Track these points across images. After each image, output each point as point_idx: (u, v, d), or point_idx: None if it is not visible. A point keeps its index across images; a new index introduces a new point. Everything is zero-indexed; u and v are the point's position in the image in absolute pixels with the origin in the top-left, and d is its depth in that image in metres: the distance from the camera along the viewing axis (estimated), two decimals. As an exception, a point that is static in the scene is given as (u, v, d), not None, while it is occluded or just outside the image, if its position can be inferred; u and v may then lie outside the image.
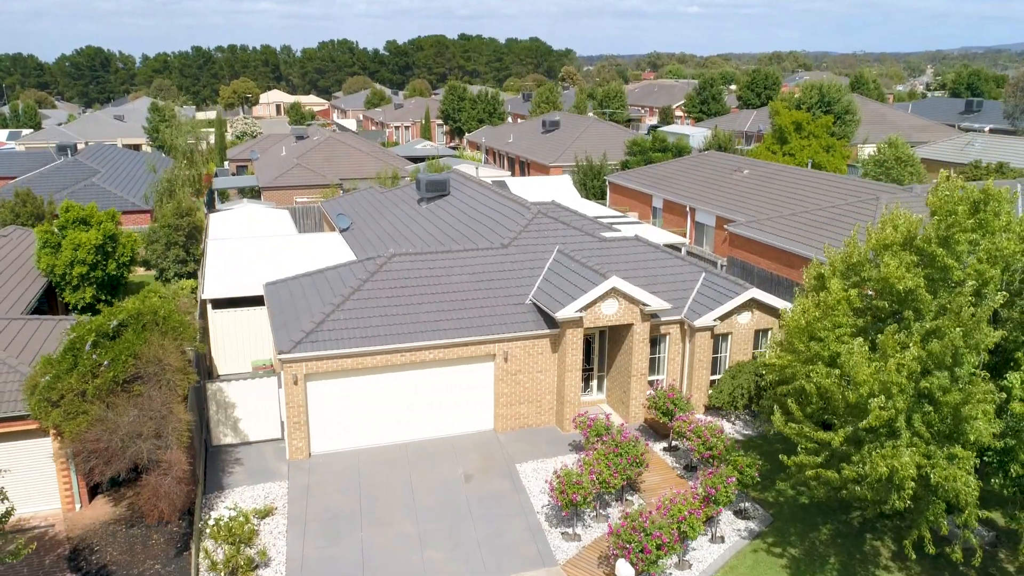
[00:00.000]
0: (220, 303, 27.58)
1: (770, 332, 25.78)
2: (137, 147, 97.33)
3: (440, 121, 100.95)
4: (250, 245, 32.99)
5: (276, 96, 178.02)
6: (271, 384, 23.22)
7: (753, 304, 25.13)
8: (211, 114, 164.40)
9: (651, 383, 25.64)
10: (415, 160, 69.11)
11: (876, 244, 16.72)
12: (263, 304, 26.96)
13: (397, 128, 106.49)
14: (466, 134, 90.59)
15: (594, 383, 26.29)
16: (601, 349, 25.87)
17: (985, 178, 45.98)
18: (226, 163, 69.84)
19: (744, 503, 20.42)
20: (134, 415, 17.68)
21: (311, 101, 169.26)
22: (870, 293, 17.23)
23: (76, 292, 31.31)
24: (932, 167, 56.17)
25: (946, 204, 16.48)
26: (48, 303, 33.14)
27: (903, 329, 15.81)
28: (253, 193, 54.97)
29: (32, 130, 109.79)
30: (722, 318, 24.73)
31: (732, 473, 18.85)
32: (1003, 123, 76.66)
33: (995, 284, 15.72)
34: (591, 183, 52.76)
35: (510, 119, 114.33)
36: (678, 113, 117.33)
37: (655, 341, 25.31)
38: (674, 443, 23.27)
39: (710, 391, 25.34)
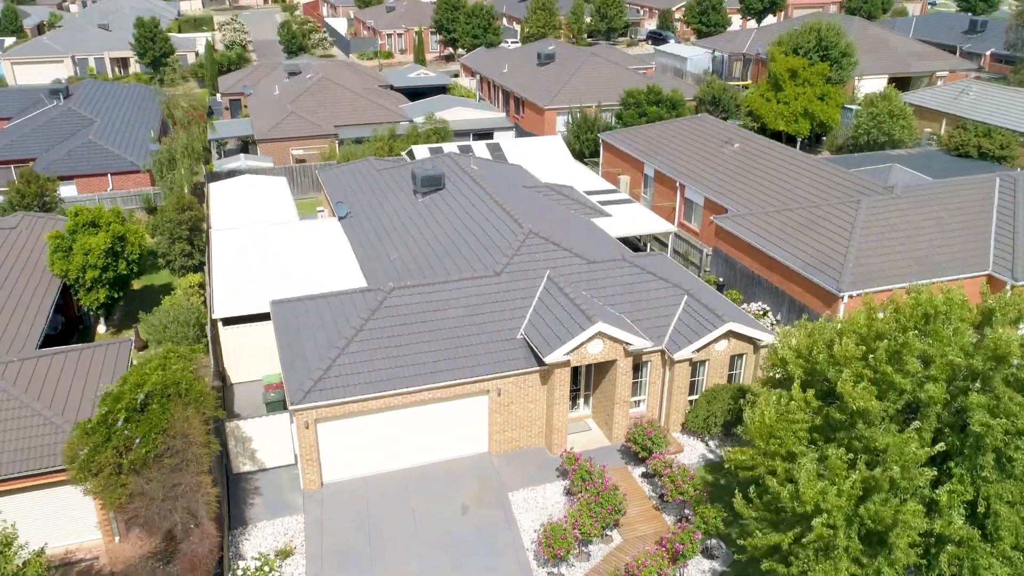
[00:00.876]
0: (230, 320, 29.35)
1: (744, 356, 27.71)
2: (125, 62, 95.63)
3: (434, 30, 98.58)
4: (254, 242, 34.13)
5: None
6: (283, 419, 25.33)
7: (730, 335, 26.89)
8: (195, 3, 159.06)
9: (636, 402, 27.83)
10: (410, 94, 68.62)
11: (839, 356, 18.32)
12: (270, 318, 28.67)
13: (390, 36, 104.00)
14: (461, 53, 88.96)
15: (581, 400, 28.46)
16: (587, 373, 27.85)
17: (972, 141, 46.45)
18: (218, 95, 69.23)
19: (711, 540, 22.95)
20: (168, 489, 19.85)
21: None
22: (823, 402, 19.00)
23: (90, 293, 32.87)
24: (925, 116, 56.31)
25: (897, 325, 18.05)
26: (64, 299, 34.76)
27: (852, 439, 17.71)
28: (250, 143, 55.32)
29: (15, 37, 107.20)
30: (700, 349, 26.57)
31: (700, 527, 21.31)
32: (1006, 50, 75.51)
33: (939, 401, 17.51)
34: (585, 136, 53.09)
35: (505, 21, 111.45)
36: (678, 16, 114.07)
37: (638, 367, 27.24)
38: (651, 470, 25.65)
39: (688, 410, 27.56)
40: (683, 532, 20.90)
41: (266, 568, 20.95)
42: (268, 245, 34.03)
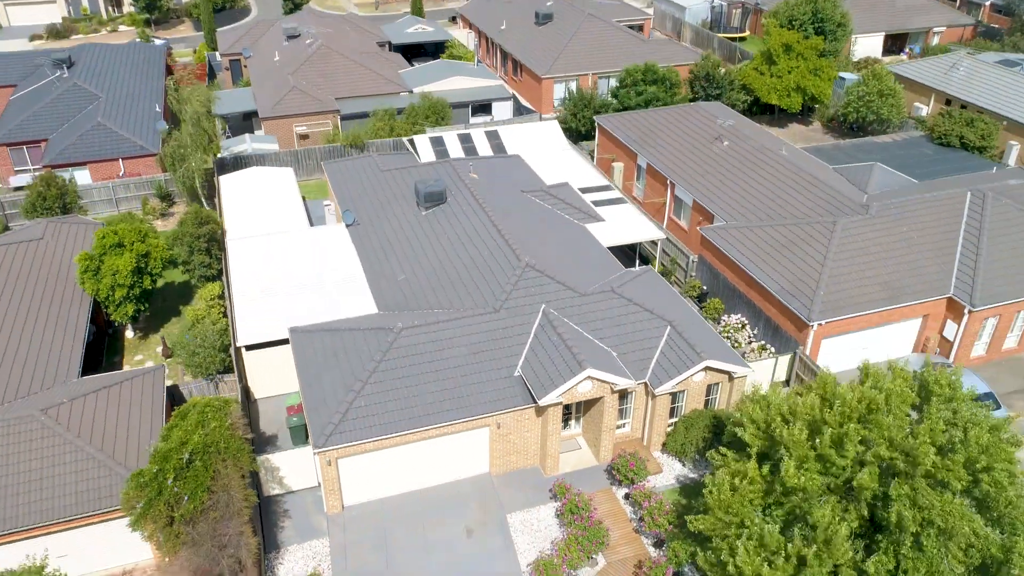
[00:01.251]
0: (252, 347, 32.20)
1: (720, 385, 30.68)
2: (119, 1, 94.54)
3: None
4: (269, 256, 36.43)
5: None
6: (307, 451, 28.51)
7: (706, 368, 29.75)
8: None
9: (621, 424, 30.98)
10: (407, 52, 69.06)
11: (786, 441, 21.25)
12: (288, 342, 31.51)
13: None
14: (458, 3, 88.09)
15: (572, 420, 31.60)
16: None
17: (955, 131, 47.95)
18: (217, 54, 69.52)
19: (684, 566, 26.50)
20: (215, 538, 23.17)
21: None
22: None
23: (119, 309, 35.53)
24: (915, 89, 57.30)
25: (841, 414, 20.90)
26: (93, 308, 37.34)
27: (795, 507, 20.87)
28: (252, 117, 56.56)
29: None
30: (679, 383, 29.50)
31: (672, 560, 24.79)
32: (1003, 2, 75.21)
33: (870, 488, 20.55)
34: (582, 113, 54.37)
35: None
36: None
37: (623, 396, 30.25)
38: (633, 499, 28.98)
39: (669, 430, 30.77)
40: (656, 568, 24.39)
41: (300, 597, 24.55)
42: (283, 260, 36.38)
